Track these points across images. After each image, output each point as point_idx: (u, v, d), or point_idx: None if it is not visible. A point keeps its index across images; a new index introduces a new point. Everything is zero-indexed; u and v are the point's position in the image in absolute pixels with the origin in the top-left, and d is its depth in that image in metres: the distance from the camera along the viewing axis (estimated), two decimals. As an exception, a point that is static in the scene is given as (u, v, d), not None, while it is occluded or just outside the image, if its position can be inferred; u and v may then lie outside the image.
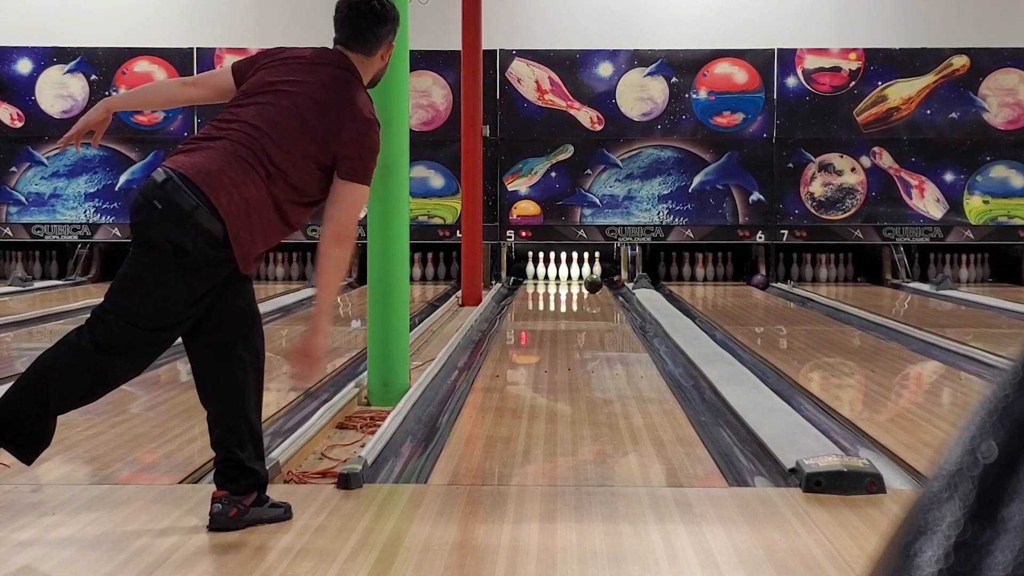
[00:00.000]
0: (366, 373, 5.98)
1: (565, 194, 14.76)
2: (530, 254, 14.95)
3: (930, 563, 0.54)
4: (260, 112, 3.54)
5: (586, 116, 14.73)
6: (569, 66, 14.73)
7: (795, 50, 14.69)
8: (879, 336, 9.20)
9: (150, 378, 6.25)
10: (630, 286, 13.64)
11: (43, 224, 14.67)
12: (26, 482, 4.01)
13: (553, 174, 14.76)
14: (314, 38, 3.91)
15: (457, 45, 12.14)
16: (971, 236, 14.62)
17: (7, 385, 3.52)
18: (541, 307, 12.60)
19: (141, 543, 3.34)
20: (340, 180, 3.55)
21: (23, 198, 14.71)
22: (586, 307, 12.25)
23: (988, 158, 14.60)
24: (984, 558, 0.53)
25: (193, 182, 3.39)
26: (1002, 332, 9.75)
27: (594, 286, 13.51)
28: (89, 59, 14.74)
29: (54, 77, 14.75)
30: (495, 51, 14.44)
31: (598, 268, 14.83)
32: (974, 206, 14.63)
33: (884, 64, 14.64)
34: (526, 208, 14.76)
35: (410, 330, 6.37)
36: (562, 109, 14.74)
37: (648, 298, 11.98)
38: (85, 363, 3.41)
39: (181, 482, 4.17)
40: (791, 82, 14.66)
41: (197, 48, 14.64)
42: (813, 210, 14.69)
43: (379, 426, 4.96)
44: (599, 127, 14.73)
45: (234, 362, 3.50)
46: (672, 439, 5.00)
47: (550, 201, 14.75)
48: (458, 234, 13.06)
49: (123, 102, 4.19)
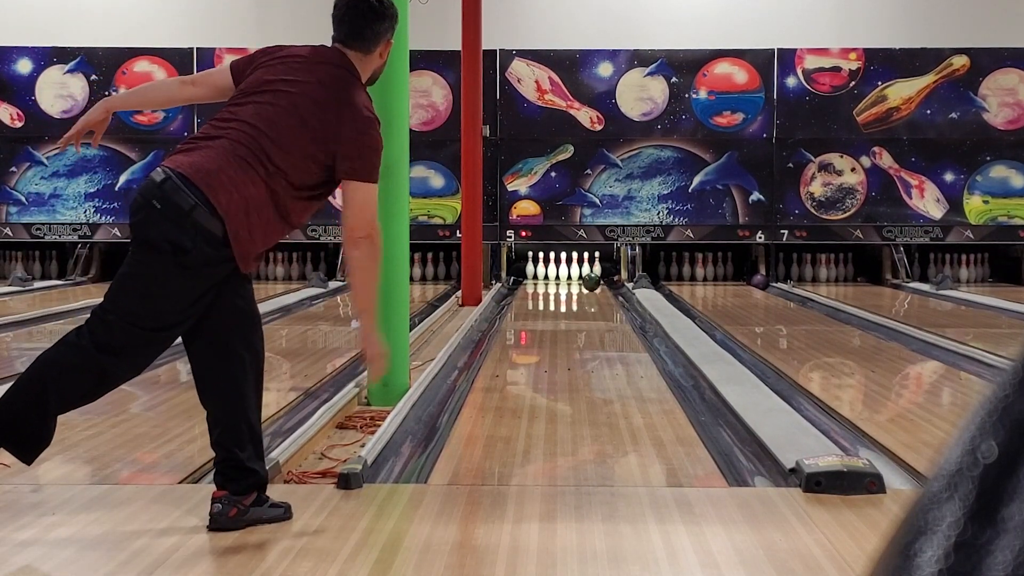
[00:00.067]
0: (366, 373, 5.98)
1: (565, 194, 14.75)
2: (530, 254, 14.95)
3: (930, 563, 0.54)
4: (258, 111, 3.53)
5: (586, 116, 14.73)
6: (569, 66, 14.73)
7: (795, 50, 14.69)
8: (879, 336, 9.20)
9: (150, 378, 6.25)
10: (630, 286, 13.64)
11: (43, 224, 14.68)
12: (26, 482, 4.01)
13: (553, 174, 14.76)
14: (314, 38, 3.90)
15: (457, 45, 12.14)
16: (971, 236, 14.62)
17: (7, 385, 3.52)
18: (541, 307, 12.60)
19: (141, 543, 3.34)
20: (344, 181, 3.54)
21: (23, 198, 14.71)
22: (586, 307, 12.25)
23: (988, 158, 14.60)
24: (984, 558, 0.53)
25: (192, 181, 3.38)
26: (1002, 332, 9.75)
27: (593, 284, 13.60)
28: (89, 59, 14.74)
29: (54, 77, 14.75)
30: (495, 51, 14.44)
31: (597, 268, 14.83)
32: (974, 206, 14.63)
33: (884, 64, 14.64)
34: (526, 208, 14.77)
35: (410, 330, 6.37)
36: (562, 109, 14.74)
37: (648, 298, 11.98)
38: (85, 363, 3.41)
39: (181, 482, 4.17)
40: (791, 82, 14.66)
41: (197, 48, 14.64)
42: (813, 210, 14.69)
43: (379, 426, 4.96)
44: (599, 127, 14.73)
45: (233, 362, 3.49)
46: (672, 439, 5.00)
47: (550, 201, 14.75)
48: (458, 234, 13.06)
49: (122, 102, 4.17)
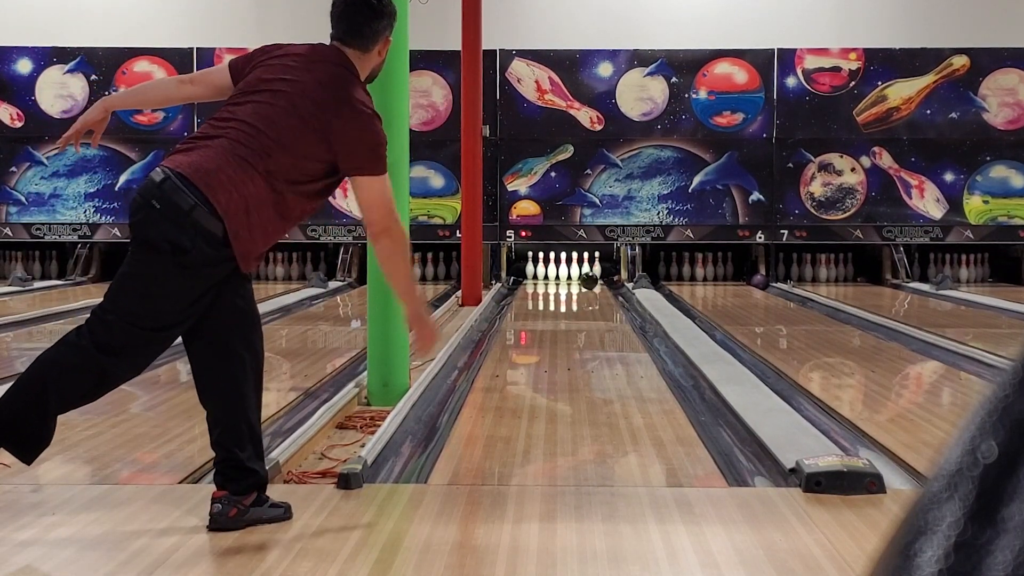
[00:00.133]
0: (366, 373, 5.98)
1: (565, 194, 14.75)
2: (530, 254, 14.95)
3: (930, 563, 0.54)
4: (257, 110, 3.53)
5: (586, 116, 14.72)
6: (569, 66, 14.72)
7: (795, 50, 14.68)
8: (879, 336, 9.20)
9: (150, 378, 6.25)
10: (630, 286, 13.64)
11: (43, 224, 14.68)
12: (26, 482, 4.01)
13: (553, 174, 14.76)
14: (314, 38, 3.89)
15: (457, 45, 12.14)
16: (971, 236, 14.62)
17: (7, 385, 3.52)
18: (541, 307, 12.60)
19: (141, 543, 3.34)
20: (352, 178, 3.56)
21: (23, 198, 14.71)
22: (586, 307, 12.25)
23: (988, 158, 14.60)
24: (984, 558, 0.53)
25: (191, 181, 3.38)
26: (1002, 332, 9.75)
27: (590, 283, 13.71)
28: (89, 59, 14.74)
29: (54, 77, 14.75)
30: (495, 51, 14.44)
31: (597, 268, 14.83)
32: (974, 206, 14.63)
33: (884, 64, 14.64)
34: (526, 208, 14.76)
35: (410, 330, 6.36)
36: (562, 109, 14.74)
37: (648, 298, 11.98)
38: (85, 363, 3.41)
39: (181, 482, 4.17)
40: (791, 82, 14.66)
41: (197, 48, 14.64)
42: (813, 210, 14.69)
43: (379, 426, 4.96)
44: (599, 127, 14.73)
45: (233, 362, 3.49)
46: (672, 439, 5.00)
47: (550, 201, 14.75)
48: (458, 234, 13.06)
49: (121, 101, 4.15)
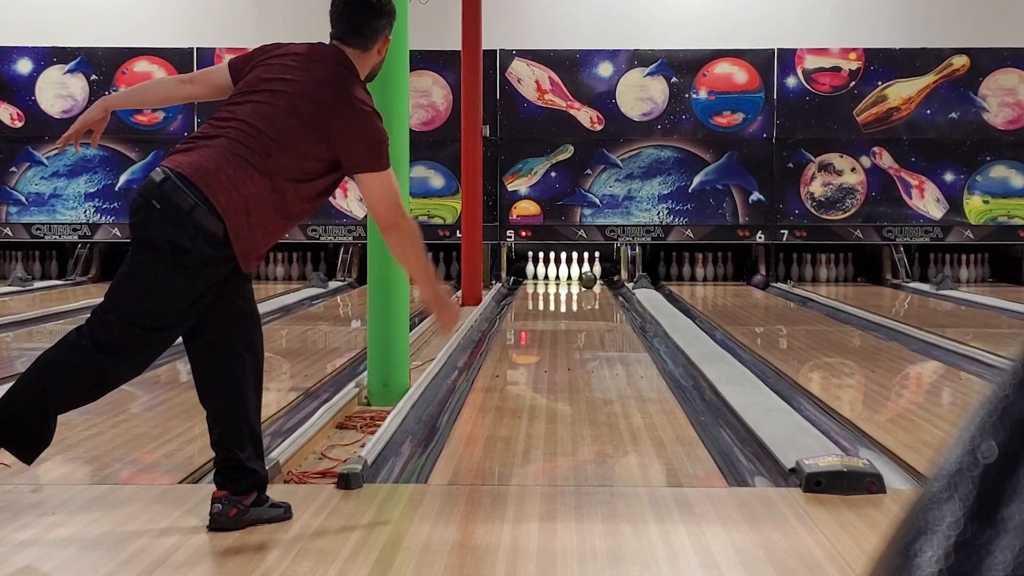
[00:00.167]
0: (366, 373, 5.98)
1: (565, 194, 14.75)
2: (530, 254, 14.95)
3: (930, 563, 0.54)
4: (256, 110, 3.53)
5: (586, 116, 14.72)
6: (569, 66, 14.72)
7: (795, 50, 14.68)
8: (879, 336, 9.20)
9: (150, 378, 6.24)
10: (630, 286, 13.64)
11: (43, 224, 14.68)
12: (26, 482, 4.01)
13: (553, 174, 14.76)
14: (314, 38, 3.89)
15: (457, 45, 12.14)
16: (971, 236, 14.62)
17: (7, 385, 3.52)
18: (541, 307, 12.60)
19: (141, 543, 3.34)
20: (356, 176, 3.57)
21: (23, 198, 14.71)
22: (586, 307, 12.25)
23: (988, 158, 14.60)
24: (984, 558, 0.53)
25: (191, 181, 3.38)
26: (1002, 332, 9.75)
27: (589, 282, 13.80)
28: (89, 59, 14.74)
29: (54, 77, 14.75)
30: (495, 51, 14.44)
31: (598, 268, 14.84)
32: (974, 206, 14.63)
33: (884, 64, 14.64)
34: (526, 208, 14.76)
35: (410, 330, 6.37)
36: (562, 109, 14.74)
37: (648, 298, 11.98)
38: (85, 363, 3.41)
39: (181, 482, 4.17)
40: (791, 82, 14.66)
41: (197, 48, 14.64)
42: (813, 210, 14.69)
43: (379, 426, 4.95)
44: (599, 127, 14.73)
45: (233, 361, 3.49)
46: (672, 439, 5.00)
47: (550, 201, 14.75)
48: (458, 234, 13.05)
49: (120, 101, 4.12)
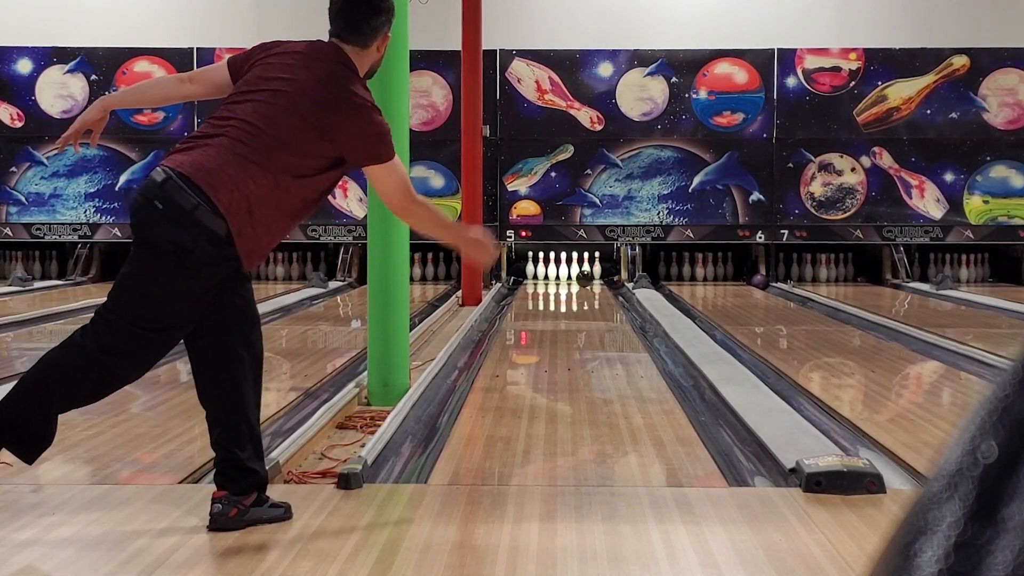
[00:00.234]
0: (366, 373, 5.98)
1: (565, 194, 14.75)
2: (530, 254, 14.95)
3: (930, 563, 0.54)
4: (256, 109, 3.53)
5: (586, 116, 14.72)
6: (569, 66, 14.72)
7: (795, 50, 14.69)
8: (879, 336, 9.20)
9: (150, 378, 6.23)
10: (630, 286, 13.64)
11: (43, 224, 14.68)
12: (26, 482, 4.01)
13: (553, 174, 14.76)
14: (314, 38, 3.89)
15: (457, 45, 12.14)
16: (971, 236, 14.62)
17: (7, 385, 3.52)
18: (541, 307, 12.59)
19: (141, 543, 3.34)
20: (365, 170, 3.62)
21: (23, 198, 14.71)
22: (586, 307, 12.25)
23: (988, 158, 14.60)
24: (984, 558, 0.53)
25: (193, 181, 3.37)
26: (1002, 332, 9.75)
27: (586, 280, 13.95)
28: (89, 59, 14.74)
29: (54, 77, 14.75)
30: (495, 51, 14.44)
31: (598, 268, 14.84)
32: (974, 206, 14.63)
33: (884, 64, 14.64)
34: (526, 208, 14.76)
35: (410, 330, 6.37)
36: (562, 109, 14.74)
37: (648, 298, 11.98)
38: (88, 364, 3.40)
39: (181, 482, 4.17)
40: (791, 82, 14.66)
41: (197, 48, 14.64)
42: (813, 210, 14.69)
43: (379, 426, 4.95)
44: (599, 127, 14.73)
45: (233, 362, 3.49)
46: (672, 439, 5.00)
47: (550, 201, 14.75)
48: (458, 234, 13.03)
49: (119, 100, 4.11)
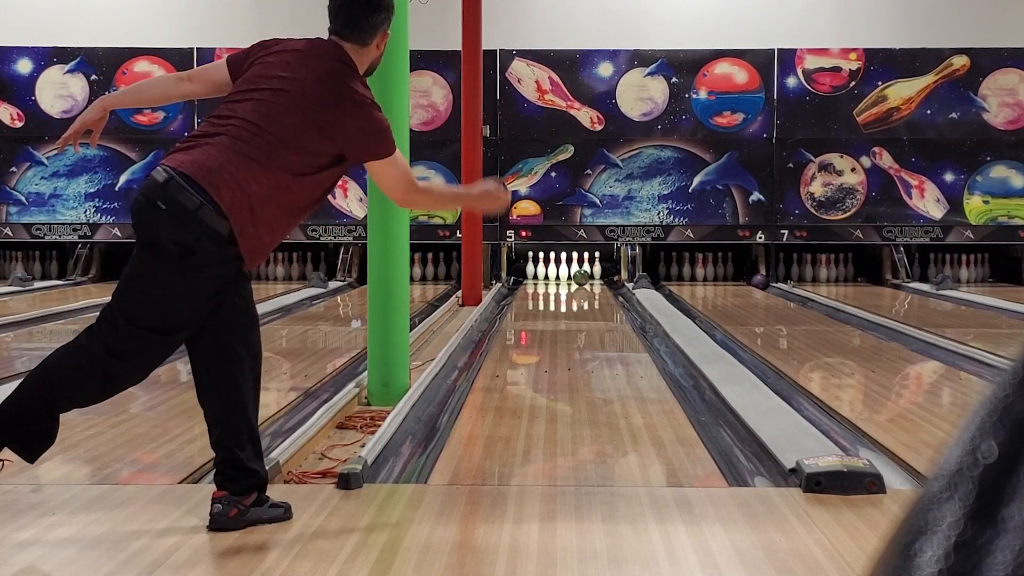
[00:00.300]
0: (366, 373, 5.98)
1: (565, 194, 14.75)
2: (530, 254, 14.95)
3: (930, 563, 0.54)
4: (257, 108, 3.52)
5: (586, 116, 14.72)
6: (569, 66, 14.72)
7: (795, 50, 14.68)
8: (879, 336, 9.20)
9: (150, 378, 6.18)
10: (630, 286, 13.64)
11: (43, 224, 14.67)
12: (26, 482, 4.01)
13: (553, 174, 14.76)
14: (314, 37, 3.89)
15: (457, 45, 12.14)
16: (971, 236, 14.62)
17: (7, 385, 3.52)
18: (541, 307, 12.59)
19: (141, 543, 3.34)
20: (367, 165, 3.64)
21: (23, 198, 14.71)
22: (586, 307, 12.25)
23: (988, 158, 14.60)
24: (984, 558, 0.53)
25: (195, 180, 3.37)
26: (1002, 332, 9.75)
27: (583, 279, 14.07)
28: (89, 59, 14.74)
29: (54, 77, 14.75)
30: (495, 51, 14.43)
31: (598, 268, 14.85)
32: (974, 206, 14.62)
33: (884, 64, 14.64)
34: (526, 208, 14.76)
35: (410, 330, 6.37)
36: (562, 109, 14.74)
37: (648, 298, 11.98)
38: (92, 365, 3.40)
39: (181, 482, 4.17)
40: (791, 82, 14.66)
41: (197, 48, 14.63)
42: (813, 210, 14.69)
43: (379, 426, 4.95)
44: (599, 127, 14.73)
45: (233, 362, 3.49)
46: (672, 439, 5.00)
47: (550, 201, 14.75)
48: (458, 234, 13.06)
49: (119, 100, 4.10)
